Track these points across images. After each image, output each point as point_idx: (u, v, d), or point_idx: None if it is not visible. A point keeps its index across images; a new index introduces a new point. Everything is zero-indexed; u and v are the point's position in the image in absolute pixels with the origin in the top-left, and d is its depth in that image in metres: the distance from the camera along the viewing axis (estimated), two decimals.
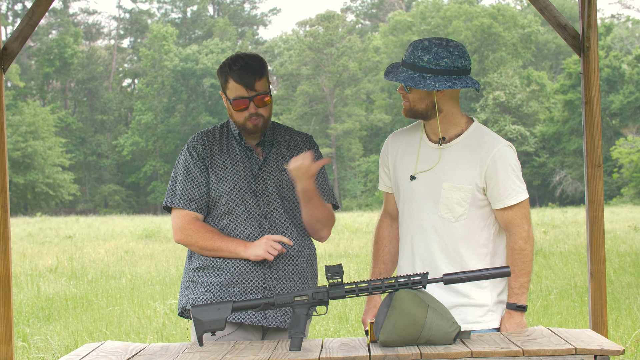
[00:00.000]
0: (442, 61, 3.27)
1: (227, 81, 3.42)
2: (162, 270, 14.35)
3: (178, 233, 3.43)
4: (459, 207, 3.32)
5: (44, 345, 7.93)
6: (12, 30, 7.52)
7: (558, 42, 59.69)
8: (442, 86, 3.25)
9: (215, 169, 3.46)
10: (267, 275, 3.40)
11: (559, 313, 8.94)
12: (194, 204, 3.43)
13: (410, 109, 3.37)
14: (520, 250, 3.30)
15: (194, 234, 3.40)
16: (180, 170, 3.48)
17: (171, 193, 3.49)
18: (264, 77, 3.43)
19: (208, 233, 3.40)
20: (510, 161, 3.32)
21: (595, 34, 4.43)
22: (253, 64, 3.41)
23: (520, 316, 3.29)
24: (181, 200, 3.43)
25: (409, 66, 3.31)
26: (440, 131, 3.37)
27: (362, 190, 54.42)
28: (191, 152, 3.48)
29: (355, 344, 3.00)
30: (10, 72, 50.18)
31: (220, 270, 3.40)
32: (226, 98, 3.46)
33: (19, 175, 48.48)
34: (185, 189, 3.44)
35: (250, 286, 3.39)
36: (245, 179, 3.45)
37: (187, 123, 57.30)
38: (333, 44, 56.86)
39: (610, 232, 19.26)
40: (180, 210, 3.44)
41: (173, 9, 70.60)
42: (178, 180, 3.48)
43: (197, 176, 3.45)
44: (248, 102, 3.40)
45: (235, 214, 3.43)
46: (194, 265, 3.49)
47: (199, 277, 3.45)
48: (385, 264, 3.59)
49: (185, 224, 3.42)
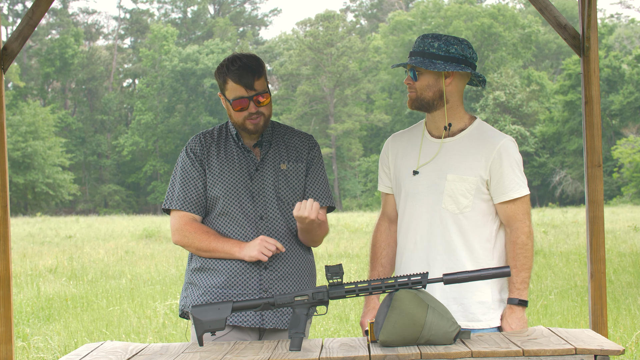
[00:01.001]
0: (452, 48, 3.30)
1: (226, 82, 3.40)
2: (162, 270, 14.35)
3: (175, 234, 3.46)
4: (464, 199, 3.32)
5: (44, 345, 7.93)
6: (12, 30, 7.51)
7: (559, 42, 59.69)
8: (452, 68, 3.27)
9: (212, 170, 3.46)
10: (262, 277, 3.40)
11: (559, 313, 8.94)
12: (192, 206, 3.44)
13: (416, 98, 3.37)
14: (522, 245, 3.30)
15: (190, 235, 3.42)
16: (179, 172, 3.49)
17: (170, 195, 3.51)
18: (263, 76, 3.42)
19: (204, 234, 3.41)
20: (514, 155, 3.34)
21: (595, 34, 4.43)
22: (251, 64, 3.39)
23: (521, 312, 3.29)
24: (179, 202, 3.45)
25: (418, 54, 3.34)
26: (446, 119, 3.37)
27: (362, 190, 54.41)
28: (189, 153, 3.49)
29: (355, 344, 2.99)
30: (11, 72, 50.17)
31: (217, 272, 3.41)
32: (225, 99, 3.45)
33: (19, 175, 48.48)
34: (183, 190, 3.45)
35: (246, 287, 3.39)
36: (242, 179, 3.45)
37: (187, 123, 57.31)
38: (333, 44, 56.86)
39: (610, 232, 19.26)
40: (178, 212, 3.46)
41: (173, 9, 70.62)
42: (176, 182, 3.49)
43: (194, 178, 3.45)
44: (248, 101, 3.38)
45: (231, 215, 3.43)
46: (192, 266, 3.50)
47: (196, 278, 3.46)
48: (384, 267, 3.59)
49: (182, 226, 3.43)
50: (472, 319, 3.30)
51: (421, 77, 3.33)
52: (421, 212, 3.39)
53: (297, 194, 3.50)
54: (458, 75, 3.36)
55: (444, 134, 3.39)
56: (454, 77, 3.35)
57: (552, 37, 60.85)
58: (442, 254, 3.34)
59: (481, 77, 3.38)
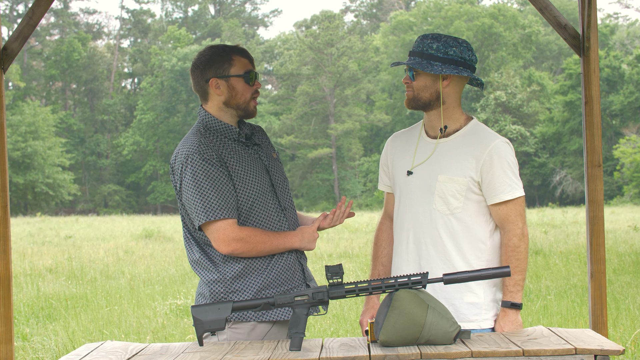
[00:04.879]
0: (450, 50, 3.30)
1: (232, 59, 3.36)
2: (162, 270, 14.35)
3: (232, 243, 3.22)
4: (454, 200, 3.32)
5: (44, 345, 7.93)
6: (12, 31, 7.50)
7: (559, 43, 59.69)
8: (449, 71, 3.27)
9: (237, 174, 3.31)
10: (304, 268, 3.42)
11: (559, 313, 8.93)
12: (234, 211, 3.26)
13: (413, 97, 3.37)
14: (514, 248, 3.28)
15: (250, 240, 3.24)
16: (205, 181, 3.22)
17: (208, 207, 3.21)
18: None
19: (262, 235, 3.27)
20: (506, 157, 3.32)
21: (595, 34, 4.43)
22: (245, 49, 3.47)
23: (515, 314, 3.29)
24: (223, 211, 3.21)
25: (417, 54, 3.34)
26: (442, 121, 3.38)
27: (362, 190, 54.41)
28: (208, 160, 3.25)
29: (355, 344, 2.99)
30: (11, 72, 50.18)
31: (263, 272, 3.31)
32: (229, 78, 3.34)
33: (19, 175, 48.49)
34: (221, 198, 3.22)
35: (293, 281, 3.36)
36: (264, 176, 3.40)
37: (187, 123, 57.31)
38: (333, 44, 56.85)
39: (610, 232, 19.26)
40: (224, 220, 3.22)
41: (174, 9, 70.61)
42: (208, 192, 3.22)
43: (225, 182, 3.26)
44: (256, 76, 3.40)
45: (266, 212, 3.35)
46: (229, 275, 3.29)
47: (240, 285, 3.29)
48: (384, 265, 3.60)
49: (236, 233, 3.23)
50: (463, 319, 3.29)
51: (419, 77, 3.34)
52: (413, 212, 3.40)
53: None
54: (456, 78, 3.36)
55: (439, 134, 3.40)
56: (452, 79, 3.35)
57: (554, 38, 60.84)
58: (433, 254, 3.35)
59: (479, 81, 3.38)
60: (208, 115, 3.39)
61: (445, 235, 3.32)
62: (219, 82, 3.35)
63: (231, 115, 3.41)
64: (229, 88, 3.36)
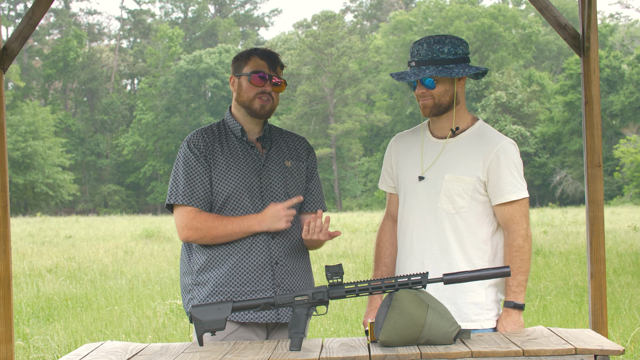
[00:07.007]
0: (458, 49, 3.35)
1: (249, 59, 3.48)
2: (162, 270, 14.35)
3: (185, 230, 3.37)
4: (460, 199, 3.32)
5: (44, 345, 7.93)
6: (12, 31, 7.51)
7: (559, 43, 59.68)
8: (470, 70, 3.31)
9: (219, 167, 3.41)
10: (275, 272, 3.40)
11: (559, 313, 8.93)
12: (198, 201, 3.37)
13: (434, 105, 3.36)
14: (518, 248, 3.29)
15: (202, 225, 3.34)
16: (182, 167, 3.41)
17: (174, 190, 3.41)
18: (281, 70, 3.54)
19: (216, 220, 3.35)
20: (513, 157, 3.34)
21: (595, 34, 4.43)
22: (274, 53, 3.54)
23: (517, 315, 3.29)
24: (185, 197, 3.37)
25: (429, 62, 3.33)
26: (454, 122, 3.39)
27: (362, 190, 54.40)
28: (192, 148, 3.42)
29: (355, 344, 2.99)
30: (11, 72, 50.16)
31: (224, 263, 3.37)
32: (240, 77, 3.48)
33: (19, 175, 48.47)
34: (188, 185, 3.38)
35: (259, 284, 3.37)
36: (250, 176, 3.43)
37: (187, 123, 57.30)
38: (333, 44, 56.86)
39: (610, 232, 19.25)
40: (184, 207, 3.38)
41: (174, 9, 70.61)
42: (180, 177, 3.40)
43: (199, 172, 3.39)
44: (267, 78, 3.45)
45: (242, 212, 3.40)
46: (196, 267, 3.43)
47: (203, 278, 3.41)
48: (387, 266, 3.59)
49: (190, 220, 3.35)
50: (465, 319, 3.30)
51: (438, 84, 3.34)
52: (418, 211, 3.40)
53: (302, 193, 3.54)
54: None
55: (449, 134, 3.40)
56: (465, 77, 3.38)
57: (554, 38, 60.83)
58: (437, 253, 3.35)
59: (483, 70, 3.38)
60: (228, 111, 3.57)
61: (450, 235, 3.33)
62: (234, 80, 3.52)
63: (242, 114, 3.52)
64: (239, 86, 3.49)
